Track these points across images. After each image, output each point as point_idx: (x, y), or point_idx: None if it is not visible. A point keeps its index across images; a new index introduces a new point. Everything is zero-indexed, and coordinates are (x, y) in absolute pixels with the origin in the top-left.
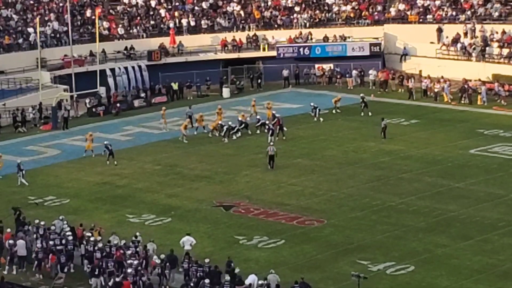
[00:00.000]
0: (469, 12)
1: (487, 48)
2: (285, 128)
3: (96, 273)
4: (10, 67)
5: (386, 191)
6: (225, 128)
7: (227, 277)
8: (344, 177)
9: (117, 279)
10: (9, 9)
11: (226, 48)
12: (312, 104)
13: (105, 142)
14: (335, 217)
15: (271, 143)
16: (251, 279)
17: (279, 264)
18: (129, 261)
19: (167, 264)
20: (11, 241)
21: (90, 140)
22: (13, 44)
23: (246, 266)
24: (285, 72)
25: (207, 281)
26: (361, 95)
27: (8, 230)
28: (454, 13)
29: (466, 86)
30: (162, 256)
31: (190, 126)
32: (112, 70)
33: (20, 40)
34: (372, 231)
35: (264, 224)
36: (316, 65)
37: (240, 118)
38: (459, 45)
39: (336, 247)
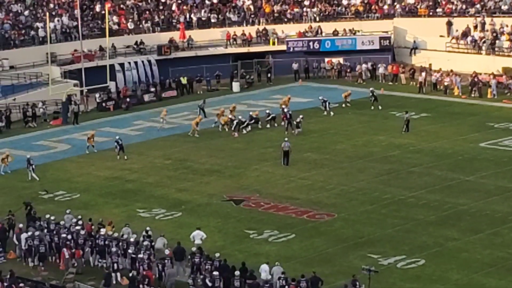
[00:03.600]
0: (478, 5)
1: (497, 41)
2: (294, 122)
3: None
4: (20, 62)
5: (396, 184)
6: (235, 122)
7: (237, 272)
8: (354, 171)
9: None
10: (19, 4)
11: (235, 42)
12: (321, 97)
13: (116, 137)
14: (345, 211)
15: (286, 139)
16: (264, 269)
17: (290, 258)
18: (140, 256)
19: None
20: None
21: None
22: (23, 39)
23: (257, 260)
24: (295, 66)
25: (216, 273)
26: (371, 89)
27: (21, 225)
28: (464, 6)
29: (476, 79)
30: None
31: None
32: (122, 65)
33: (31, 34)
34: (382, 225)
35: (274, 218)
36: (326, 59)
37: (251, 113)
38: (469, 38)
39: (347, 241)
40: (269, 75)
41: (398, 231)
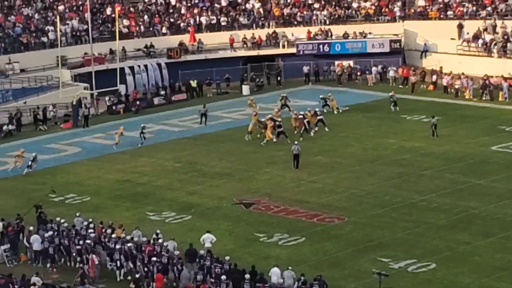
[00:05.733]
0: (490, 8)
1: (508, 44)
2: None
3: None
4: (31, 65)
5: (407, 188)
6: (282, 129)
7: (247, 275)
8: (365, 175)
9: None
10: (30, 8)
11: (245, 45)
12: (321, 96)
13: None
14: (356, 215)
15: (295, 142)
16: (275, 272)
17: (300, 261)
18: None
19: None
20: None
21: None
22: (33, 43)
23: (267, 263)
24: (305, 69)
25: (223, 277)
26: (390, 94)
27: (31, 228)
28: (474, 9)
29: (487, 82)
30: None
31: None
32: (132, 68)
33: (41, 38)
34: (393, 229)
35: (284, 222)
36: (336, 62)
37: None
38: (480, 41)
39: (357, 245)
40: (279, 78)
41: (409, 235)
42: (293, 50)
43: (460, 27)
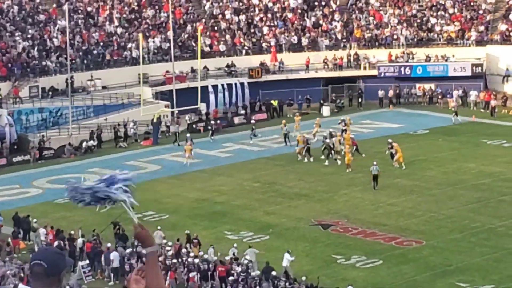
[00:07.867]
0: None
1: None
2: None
3: None
4: (113, 82)
5: (486, 213)
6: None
7: None
8: (444, 198)
9: None
10: (113, 25)
11: (326, 66)
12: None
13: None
14: (434, 238)
15: (374, 163)
16: None
17: (377, 284)
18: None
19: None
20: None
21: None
22: (116, 60)
23: (344, 285)
24: (380, 93)
25: None
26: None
27: (108, 244)
28: None
29: None
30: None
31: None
32: (214, 86)
33: (124, 55)
34: (471, 254)
35: (362, 244)
36: (417, 85)
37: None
38: None
39: (435, 269)
40: (359, 100)
41: (487, 260)
42: (374, 72)
43: None
